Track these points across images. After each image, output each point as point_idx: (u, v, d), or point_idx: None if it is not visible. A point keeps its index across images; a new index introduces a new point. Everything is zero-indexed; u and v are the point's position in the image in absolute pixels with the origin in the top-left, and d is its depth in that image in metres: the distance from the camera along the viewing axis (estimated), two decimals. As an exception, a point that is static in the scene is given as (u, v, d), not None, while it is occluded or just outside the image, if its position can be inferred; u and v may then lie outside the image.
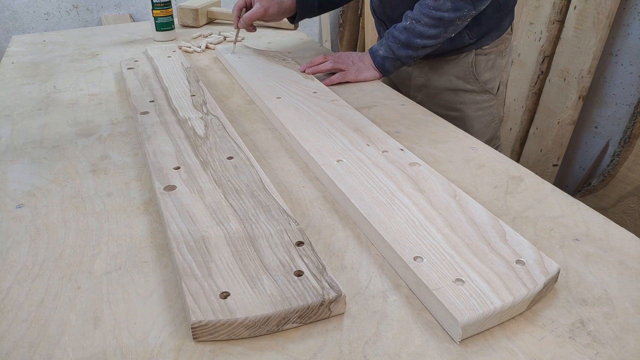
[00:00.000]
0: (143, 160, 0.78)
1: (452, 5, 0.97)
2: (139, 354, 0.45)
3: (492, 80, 1.15)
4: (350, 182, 0.67)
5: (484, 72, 1.13)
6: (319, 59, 1.10)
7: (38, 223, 0.63)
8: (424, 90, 1.19)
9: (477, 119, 1.16)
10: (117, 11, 2.66)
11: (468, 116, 1.16)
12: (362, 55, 1.11)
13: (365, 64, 1.10)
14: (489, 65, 1.14)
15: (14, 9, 2.51)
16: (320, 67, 1.08)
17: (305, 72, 1.07)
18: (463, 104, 1.15)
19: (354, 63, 1.09)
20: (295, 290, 0.49)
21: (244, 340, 0.47)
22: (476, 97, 1.15)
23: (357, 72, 1.09)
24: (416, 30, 1.00)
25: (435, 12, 0.98)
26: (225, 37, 1.43)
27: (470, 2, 0.97)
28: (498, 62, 1.14)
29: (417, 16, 1.00)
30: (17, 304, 0.51)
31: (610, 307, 0.50)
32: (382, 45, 1.07)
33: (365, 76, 1.09)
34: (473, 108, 1.16)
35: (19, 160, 0.78)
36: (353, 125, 0.83)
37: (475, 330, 0.47)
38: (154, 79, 1.04)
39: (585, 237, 0.60)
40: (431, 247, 0.55)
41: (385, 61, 1.07)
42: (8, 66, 1.23)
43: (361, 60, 1.10)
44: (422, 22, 1.00)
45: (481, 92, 1.15)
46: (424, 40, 1.01)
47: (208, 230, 0.57)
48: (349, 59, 1.10)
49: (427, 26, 0.99)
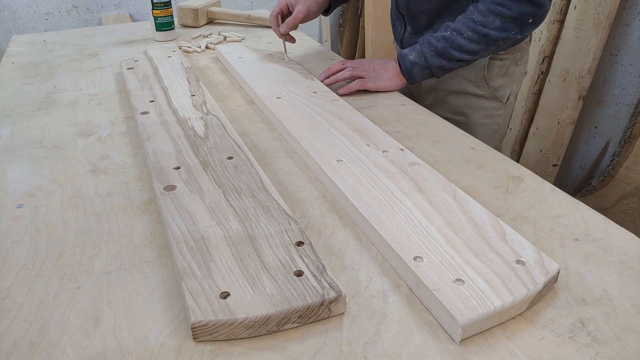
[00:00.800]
0: (143, 160, 0.78)
1: (501, 25, 0.92)
2: (139, 354, 0.45)
3: (503, 88, 1.12)
4: (350, 182, 0.67)
5: (496, 78, 1.10)
6: (337, 66, 1.04)
7: (38, 223, 0.63)
8: (433, 93, 1.15)
9: (482, 126, 1.13)
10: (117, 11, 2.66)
11: (474, 122, 1.12)
12: (385, 62, 1.04)
13: (388, 71, 1.03)
14: (502, 72, 1.10)
15: (14, 9, 2.51)
16: (339, 76, 1.02)
17: (324, 83, 1.02)
18: (470, 108, 1.12)
19: (374, 70, 1.03)
20: (295, 290, 0.49)
21: (244, 340, 0.47)
22: (484, 103, 1.11)
23: (377, 80, 1.02)
24: (456, 42, 0.95)
25: (481, 28, 0.93)
26: (225, 37, 1.43)
27: (519, 26, 0.93)
28: (512, 70, 1.11)
29: (460, 28, 0.95)
30: (17, 304, 0.51)
31: (610, 307, 0.50)
32: (414, 51, 1.01)
33: (387, 85, 1.02)
34: (480, 114, 1.12)
35: (19, 160, 0.78)
36: (353, 125, 0.83)
37: (475, 330, 0.47)
38: (154, 79, 1.04)
39: (585, 237, 0.60)
40: (431, 247, 0.55)
41: (414, 67, 1.00)
42: (8, 66, 1.23)
43: (383, 68, 1.03)
44: (465, 35, 0.95)
45: (490, 99, 1.11)
46: (461, 53, 0.96)
47: (208, 230, 0.57)
48: (369, 66, 1.04)
49: (468, 40, 0.95)
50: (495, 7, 0.92)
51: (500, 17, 0.92)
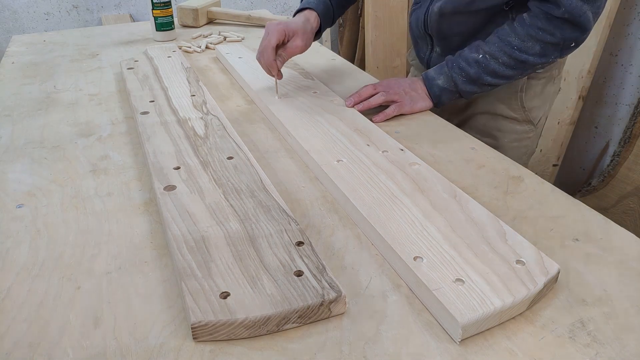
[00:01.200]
0: (143, 160, 0.78)
1: (541, 50, 0.85)
2: (139, 354, 0.45)
3: (537, 109, 1.03)
4: (350, 182, 0.67)
5: (532, 99, 1.01)
6: (367, 91, 0.94)
7: (38, 223, 0.63)
8: (460, 112, 1.08)
9: (511, 149, 1.04)
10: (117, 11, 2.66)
11: (502, 145, 1.04)
12: (412, 82, 0.96)
13: (419, 92, 0.95)
14: (538, 92, 1.01)
15: (14, 9, 2.51)
16: (372, 102, 0.93)
17: (355, 108, 0.92)
18: (500, 131, 1.04)
19: (406, 92, 0.95)
20: (295, 290, 0.49)
21: (244, 340, 0.47)
22: (516, 127, 1.03)
23: (412, 103, 0.94)
24: (490, 67, 0.88)
25: (519, 54, 0.86)
26: (225, 37, 1.43)
27: (559, 50, 0.86)
28: (547, 88, 1.02)
29: (495, 52, 0.87)
30: (17, 304, 0.51)
31: (610, 307, 0.50)
32: (443, 75, 0.93)
33: (420, 106, 0.95)
34: (510, 138, 1.04)
35: (19, 160, 0.78)
36: (353, 125, 0.83)
37: (475, 330, 0.47)
38: (154, 79, 1.04)
39: (585, 237, 0.60)
40: (431, 247, 0.55)
41: (443, 93, 0.93)
42: (8, 66, 1.23)
43: (413, 89, 0.96)
44: (500, 60, 0.87)
45: (523, 122, 1.03)
46: (495, 79, 0.89)
47: (208, 230, 0.57)
48: (400, 88, 0.95)
49: (504, 65, 0.87)
50: (537, 32, 0.84)
51: (541, 42, 0.85)
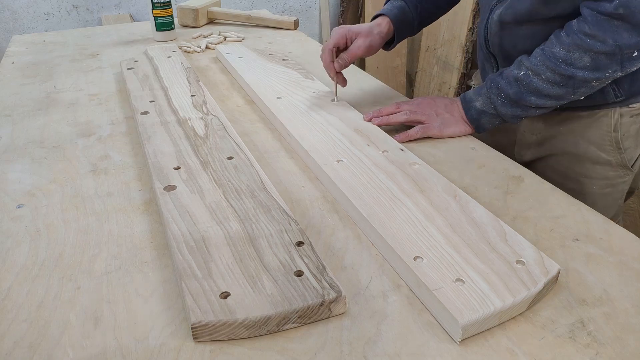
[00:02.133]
0: (143, 160, 0.78)
1: (592, 63, 0.70)
2: (139, 354, 0.45)
3: (633, 150, 0.85)
4: (350, 182, 0.67)
5: (627, 139, 0.83)
6: (390, 109, 0.85)
7: (38, 223, 0.63)
8: (534, 149, 0.91)
9: (602, 197, 0.87)
10: (117, 11, 2.66)
11: (590, 193, 0.86)
12: (449, 104, 0.85)
13: (454, 115, 0.83)
14: (634, 130, 0.83)
15: (14, 9, 2.51)
16: (392, 119, 0.83)
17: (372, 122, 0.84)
18: (588, 177, 0.86)
19: (437, 114, 0.83)
20: (295, 290, 0.49)
21: (244, 340, 0.47)
22: (608, 172, 0.85)
23: (441, 126, 0.82)
24: (532, 85, 0.74)
25: (565, 68, 0.71)
26: (225, 37, 1.43)
27: (619, 62, 0.69)
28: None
29: (537, 67, 0.74)
30: (17, 304, 0.51)
31: (610, 307, 0.50)
32: (481, 96, 0.81)
33: (453, 131, 0.83)
34: (600, 184, 0.86)
35: (19, 160, 0.78)
36: (353, 125, 0.83)
37: (475, 330, 0.47)
38: (154, 79, 1.04)
39: (585, 237, 0.60)
40: (431, 247, 0.55)
41: (482, 117, 0.81)
42: (8, 66, 1.23)
43: (448, 110, 0.84)
44: (543, 76, 0.73)
45: (617, 167, 0.85)
46: (540, 99, 0.75)
47: (208, 230, 0.57)
48: (431, 108, 0.84)
49: (548, 83, 0.73)
50: (584, 39, 0.69)
51: (591, 52, 0.69)
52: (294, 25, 1.55)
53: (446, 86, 2.60)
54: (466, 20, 2.40)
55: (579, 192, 0.85)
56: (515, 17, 0.79)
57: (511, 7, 0.79)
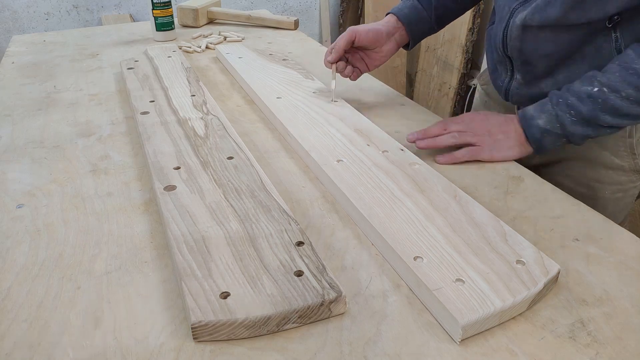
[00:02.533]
0: (143, 160, 0.78)
1: None
2: (139, 354, 0.45)
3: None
4: (350, 182, 0.67)
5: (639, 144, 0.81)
6: (436, 129, 0.77)
7: (38, 223, 0.63)
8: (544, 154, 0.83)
9: (613, 201, 0.85)
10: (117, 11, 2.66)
11: (602, 198, 0.85)
12: (504, 122, 0.76)
13: (510, 135, 0.75)
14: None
15: (14, 9, 2.51)
16: (438, 142, 0.75)
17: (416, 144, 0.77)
18: (600, 182, 0.84)
19: (490, 134, 0.75)
20: (295, 290, 0.49)
21: (244, 340, 0.47)
22: (620, 177, 0.83)
23: (494, 149, 0.75)
24: (609, 103, 0.68)
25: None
26: (226, 37, 1.43)
27: None
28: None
29: (616, 84, 0.67)
30: (17, 304, 0.51)
31: (610, 307, 0.50)
32: (545, 113, 0.72)
33: (506, 155, 0.75)
34: (612, 189, 0.84)
35: (19, 160, 0.78)
36: (353, 125, 0.83)
37: (475, 330, 0.47)
38: (154, 79, 1.04)
39: (585, 237, 0.60)
40: (431, 247, 0.55)
41: (546, 136, 0.73)
42: (8, 66, 1.23)
43: (503, 130, 0.75)
44: (624, 93, 0.67)
45: (630, 172, 0.83)
46: (616, 118, 0.69)
47: (208, 230, 0.57)
48: (483, 128, 0.76)
49: (629, 101, 0.67)
50: None
51: None
52: (294, 25, 1.56)
53: (446, 86, 2.60)
54: (466, 20, 2.40)
55: (590, 197, 0.84)
56: (543, 22, 0.74)
57: (539, 12, 0.74)
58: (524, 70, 0.82)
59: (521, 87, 0.84)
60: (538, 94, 0.80)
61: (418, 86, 2.81)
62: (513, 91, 0.86)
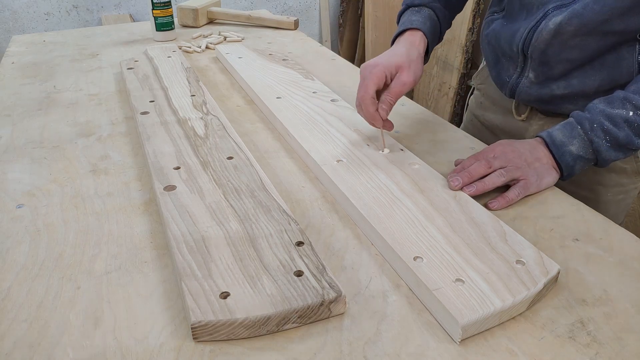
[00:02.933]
0: (143, 160, 0.78)
1: None
2: (139, 354, 0.45)
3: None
4: (350, 182, 0.67)
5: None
6: (481, 169, 0.68)
7: (38, 223, 0.63)
8: None
9: (614, 204, 0.85)
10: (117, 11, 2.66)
11: (605, 201, 0.85)
12: (533, 149, 0.71)
13: (542, 160, 0.70)
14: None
15: (14, 9, 2.51)
16: (488, 185, 0.67)
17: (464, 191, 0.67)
18: (602, 185, 0.84)
19: (529, 164, 0.70)
20: (295, 290, 0.49)
21: (244, 340, 0.47)
22: (622, 180, 0.83)
23: (539, 179, 0.70)
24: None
25: None
26: (225, 37, 1.43)
27: None
28: None
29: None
30: (17, 304, 0.51)
31: (610, 307, 0.50)
32: (576, 139, 0.69)
33: (548, 182, 0.71)
34: (614, 191, 0.84)
35: (19, 160, 0.78)
36: (353, 125, 0.83)
37: (475, 330, 0.47)
38: (154, 79, 1.04)
39: (585, 237, 0.60)
40: (431, 247, 0.55)
41: (578, 162, 0.70)
42: (8, 66, 1.23)
43: (536, 157, 0.70)
44: None
45: (632, 174, 0.83)
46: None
47: (208, 230, 0.57)
48: (520, 158, 0.70)
49: None
50: None
51: None
52: (294, 25, 1.56)
53: (446, 86, 2.60)
54: (466, 20, 2.40)
55: (592, 199, 0.83)
56: (580, 27, 0.71)
57: (577, 16, 0.70)
58: (539, 70, 0.79)
59: (532, 86, 0.81)
60: (548, 95, 0.79)
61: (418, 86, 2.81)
62: (522, 89, 0.82)
